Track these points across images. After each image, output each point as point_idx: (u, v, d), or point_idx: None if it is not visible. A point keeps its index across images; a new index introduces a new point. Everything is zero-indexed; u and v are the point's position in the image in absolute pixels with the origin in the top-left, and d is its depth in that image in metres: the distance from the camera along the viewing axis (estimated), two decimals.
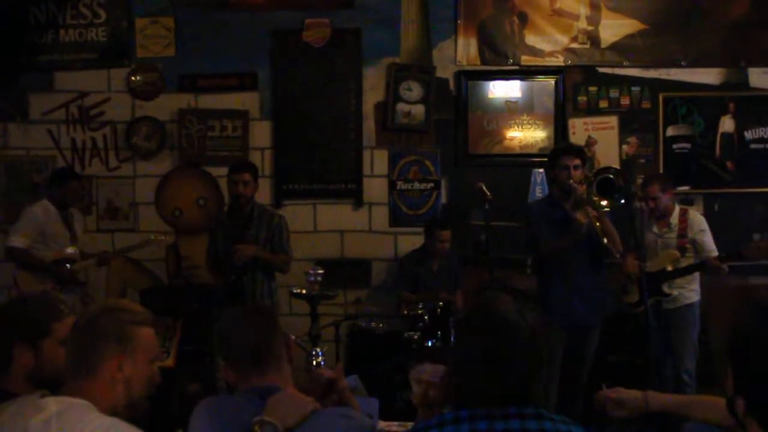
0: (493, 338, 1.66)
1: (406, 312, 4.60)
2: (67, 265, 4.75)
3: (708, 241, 4.52)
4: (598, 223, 3.93)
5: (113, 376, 1.74)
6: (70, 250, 4.78)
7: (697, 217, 4.66)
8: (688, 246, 4.54)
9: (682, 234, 4.55)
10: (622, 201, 3.83)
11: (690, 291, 4.55)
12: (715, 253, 4.44)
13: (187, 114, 5.57)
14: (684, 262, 4.51)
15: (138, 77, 5.60)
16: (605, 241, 3.94)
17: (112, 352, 1.75)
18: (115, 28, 5.61)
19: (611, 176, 3.89)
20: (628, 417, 2.15)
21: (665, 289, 4.50)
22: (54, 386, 1.94)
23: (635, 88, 5.49)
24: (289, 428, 1.73)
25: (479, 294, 4.65)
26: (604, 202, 3.86)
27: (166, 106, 5.59)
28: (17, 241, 4.64)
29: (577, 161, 4.04)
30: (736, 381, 1.55)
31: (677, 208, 4.65)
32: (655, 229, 4.62)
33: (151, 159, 5.61)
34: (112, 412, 1.71)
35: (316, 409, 1.82)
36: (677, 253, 4.53)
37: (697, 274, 4.55)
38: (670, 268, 4.51)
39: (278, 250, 4.61)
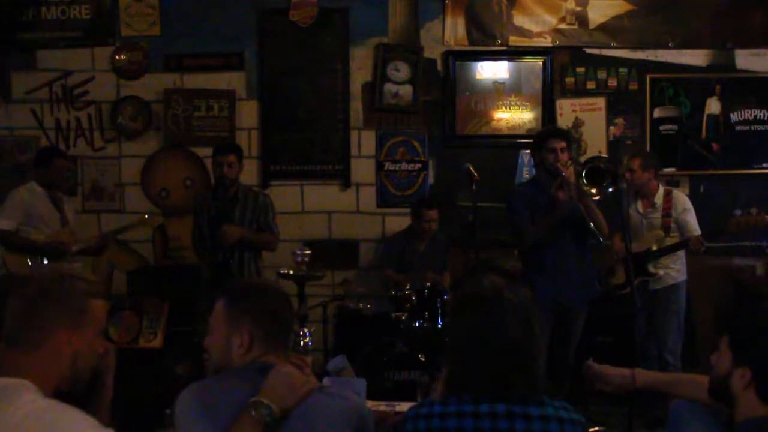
0: (485, 317, 1.66)
1: (393, 293, 4.61)
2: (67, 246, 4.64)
3: (691, 220, 4.56)
4: (582, 207, 3.94)
5: (60, 350, 1.63)
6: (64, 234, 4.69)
7: (681, 197, 4.70)
8: (672, 225, 4.58)
9: (667, 213, 4.59)
10: (611, 189, 3.84)
11: (676, 271, 4.59)
12: (698, 232, 4.48)
13: (172, 94, 5.52)
14: (668, 242, 4.55)
15: (122, 56, 5.53)
16: (591, 225, 3.96)
17: (63, 325, 1.63)
18: (98, 5, 5.52)
19: (601, 165, 3.90)
20: (614, 392, 2.18)
21: (650, 269, 4.54)
22: None
23: (623, 70, 5.50)
24: (286, 410, 1.72)
25: (468, 277, 4.68)
26: (593, 190, 3.88)
27: (151, 85, 5.53)
28: (2, 223, 4.58)
29: (564, 144, 4.04)
30: (736, 354, 1.57)
31: (661, 189, 4.69)
32: (639, 209, 4.66)
33: (136, 139, 5.56)
34: (53, 386, 1.61)
35: (312, 389, 1.80)
36: (661, 232, 4.57)
37: (682, 255, 4.59)
38: (654, 248, 4.55)
39: (264, 229, 4.61)
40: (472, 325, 1.68)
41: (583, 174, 3.90)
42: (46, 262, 4.59)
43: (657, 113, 5.50)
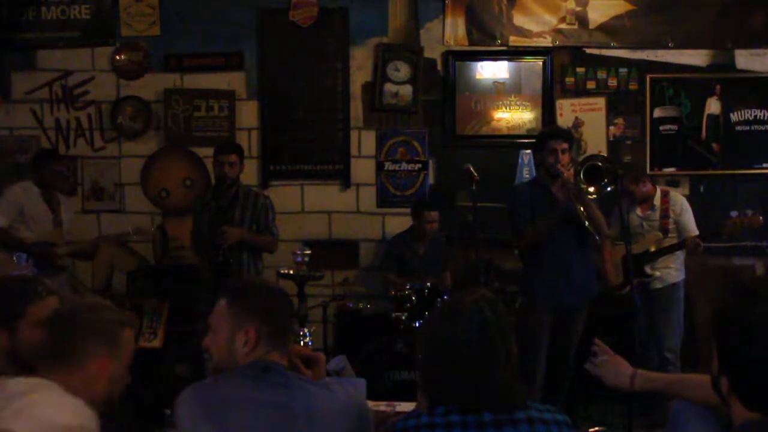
0: (447, 328, 1.68)
1: (393, 293, 4.61)
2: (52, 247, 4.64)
3: (689, 221, 4.58)
4: (581, 208, 3.93)
5: (99, 374, 1.75)
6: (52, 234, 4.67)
7: (678, 198, 4.72)
8: (670, 227, 4.60)
9: (665, 215, 4.61)
10: (609, 188, 3.84)
11: (675, 270, 4.61)
12: (695, 233, 4.50)
13: (172, 94, 5.51)
14: (667, 243, 4.57)
15: (122, 56, 5.53)
16: (587, 224, 3.96)
17: (101, 352, 1.77)
18: (98, 5, 5.52)
19: (599, 164, 3.90)
20: (613, 385, 2.18)
21: (647, 270, 4.56)
22: (33, 367, 1.94)
23: (623, 70, 5.50)
24: None
25: (466, 281, 4.69)
26: (591, 189, 3.87)
27: (151, 85, 5.53)
28: None
29: (565, 145, 4.03)
30: (720, 361, 1.58)
31: (658, 190, 4.70)
32: (639, 212, 4.67)
33: (136, 139, 5.56)
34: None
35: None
36: (660, 234, 4.58)
37: (681, 254, 4.60)
38: (653, 249, 4.56)
39: (264, 230, 4.61)
40: (429, 339, 1.71)
41: (581, 173, 3.90)
42: (32, 261, 4.56)
43: (657, 113, 5.50)
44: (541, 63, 5.51)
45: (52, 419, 1.59)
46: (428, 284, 4.53)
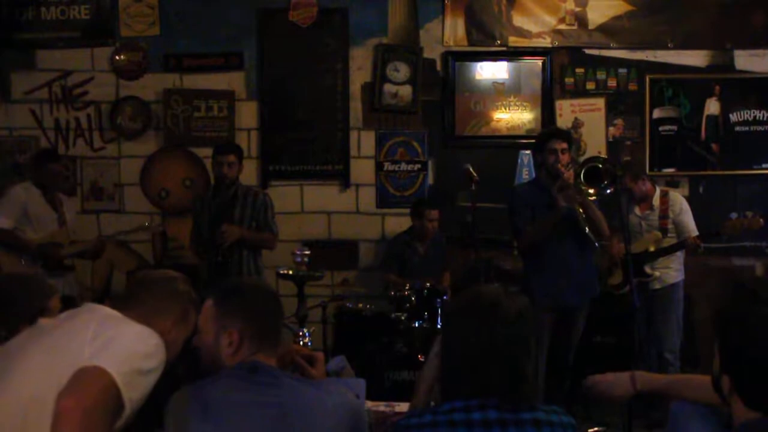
0: (478, 324, 1.64)
1: (393, 293, 4.61)
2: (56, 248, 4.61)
3: (688, 221, 4.59)
4: (581, 210, 3.94)
5: (162, 335, 1.87)
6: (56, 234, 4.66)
7: (677, 198, 4.73)
8: (670, 227, 4.60)
9: (664, 215, 4.62)
10: (609, 190, 3.85)
11: (675, 271, 4.62)
12: (695, 233, 4.51)
13: (172, 94, 5.51)
14: (666, 243, 4.58)
15: (122, 56, 5.53)
16: (587, 230, 3.97)
17: (172, 315, 1.93)
18: (98, 5, 5.52)
19: (599, 165, 3.91)
20: (618, 399, 2.17)
21: (647, 269, 4.56)
22: None
23: (622, 70, 5.50)
24: None
25: (468, 279, 4.69)
26: (591, 191, 3.88)
27: (150, 86, 5.53)
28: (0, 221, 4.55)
29: (564, 145, 4.05)
30: (722, 360, 1.58)
31: (657, 190, 4.71)
32: (637, 211, 4.68)
33: (136, 139, 5.56)
34: None
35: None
36: (659, 234, 4.59)
37: (680, 255, 4.61)
38: (652, 249, 4.57)
39: (264, 227, 4.63)
40: (464, 332, 1.66)
41: (581, 174, 3.90)
42: (38, 263, 4.55)
43: (656, 114, 5.50)
44: (540, 63, 5.51)
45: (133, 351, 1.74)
46: (428, 284, 4.53)
